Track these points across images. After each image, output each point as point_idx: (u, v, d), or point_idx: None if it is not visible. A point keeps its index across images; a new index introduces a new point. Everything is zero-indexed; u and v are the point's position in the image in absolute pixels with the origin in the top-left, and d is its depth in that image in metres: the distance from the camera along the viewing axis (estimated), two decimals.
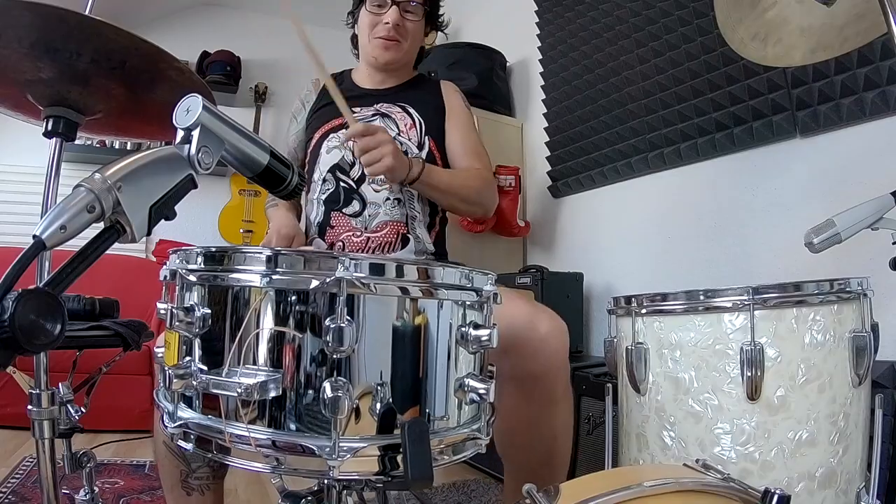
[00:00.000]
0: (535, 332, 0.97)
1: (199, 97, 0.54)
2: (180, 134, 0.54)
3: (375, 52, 1.34)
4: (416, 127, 1.34)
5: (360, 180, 1.28)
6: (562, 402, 1.03)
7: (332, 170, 1.30)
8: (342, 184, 1.29)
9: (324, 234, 1.29)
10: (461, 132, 1.37)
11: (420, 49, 1.44)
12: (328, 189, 1.30)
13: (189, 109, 0.54)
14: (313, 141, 1.37)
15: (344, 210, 1.27)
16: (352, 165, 1.29)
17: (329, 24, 1.87)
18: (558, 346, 0.99)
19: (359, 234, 1.25)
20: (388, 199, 1.26)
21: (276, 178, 0.66)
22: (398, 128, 1.33)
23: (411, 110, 1.35)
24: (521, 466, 1.06)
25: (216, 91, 3.37)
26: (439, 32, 1.51)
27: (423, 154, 1.32)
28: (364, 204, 1.27)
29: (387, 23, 1.29)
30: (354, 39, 1.45)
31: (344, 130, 1.31)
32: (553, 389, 1.00)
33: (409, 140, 1.32)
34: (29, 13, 0.73)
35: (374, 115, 1.34)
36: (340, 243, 1.26)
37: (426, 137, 1.33)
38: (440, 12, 1.44)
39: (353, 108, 1.35)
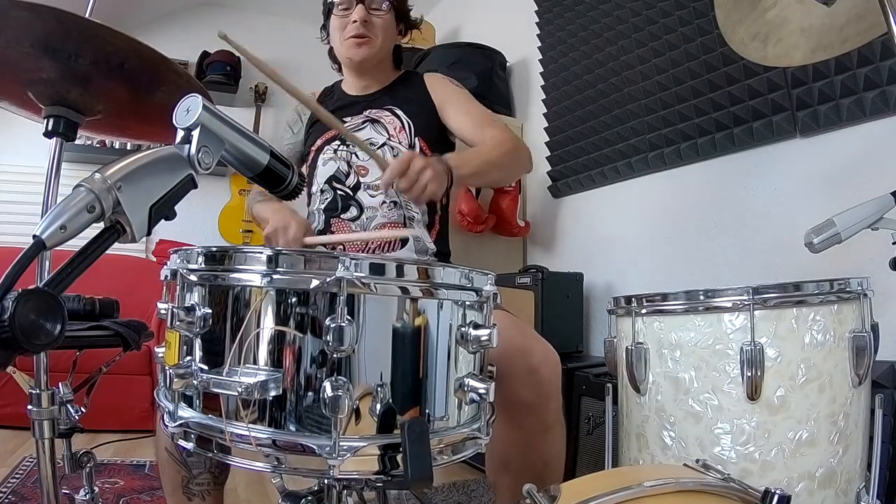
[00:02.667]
0: (528, 361, 0.96)
1: (199, 97, 0.54)
2: (180, 134, 0.54)
3: (349, 52, 1.33)
4: (405, 129, 1.33)
5: (356, 188, 1.30)
6: (553, 429, 1.01)
7: (328, 181, 1.32)
8: (339, 192, 1.30)
9: None
10: (462, 111, 1.35)
11: (397, 48, 1.43)
12: (326, 198, 1.32)
13: (189, 109, 0.54)
14: (311, 155, 1.38)
15: (342, 216, 1.29)
16: (347, 175, 1.31)
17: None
18: (551, 375, 0.98)
19: None
20: (384, 202, 1.27)
21: (276, 178, 0.66)
22: (388, 132, 1.32)
23: (399, 112, 1.34)
24: (512, 494, 1.06)
25: (216, 91, 3.38)
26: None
27: None
28: (361, 209, 1.28)
29: (354, 21, 1.29)
30: (331, 52, 1.44)
31: (338, 143, 1.32)
32: (545, 417, 0.99)
33: (400, 143, 1.31)
34: (27, 13, 0.73)
35: (364, 122, 1.34)
36: (341, 247, 1.27)
37: (416, 138, 1.33)
38: (409, 8, 1.42)
39: (343, 119, 1.33)
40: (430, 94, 1.38)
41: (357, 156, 1.31)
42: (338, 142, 1.33)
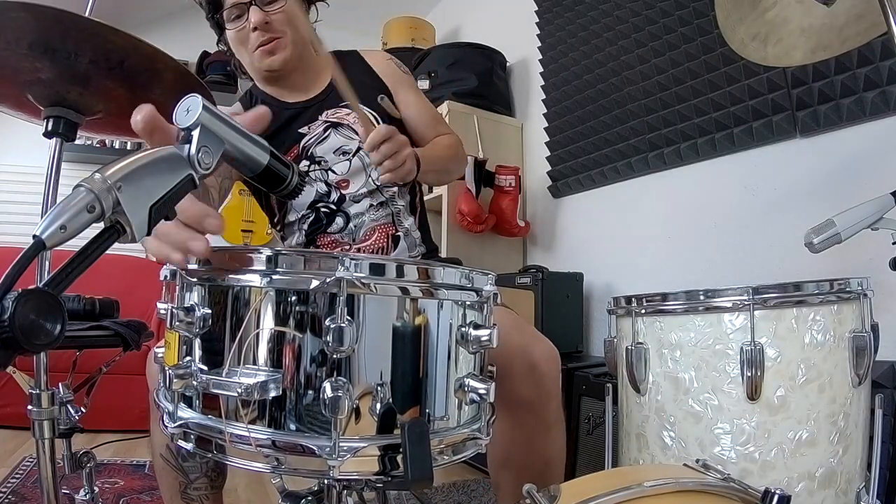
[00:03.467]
0: (529, 359, 0.95)
1: (199, 97, 0.54)
2: (180, 134, 0.54)
3: (262, 64, 1.17)
4: (373, 123, 1.18)
5: (341, 201, 1.22)
6: (554, 427, 1.00)
7: (310, 206, 1.22)
8: (323, 210, 1.22)
9: None
10: (414, 103, 1.29)
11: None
12: (308, 219, 1.23)
13: (189, 109, 0.54)
14: None
15: (328, 230, 1.22)
16: (328, 194, 1.22)
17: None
18: (551, 373, 0.97)
19: (346, 248, 1.22)
20: (371, 205, 1.22)
21: (276, 178, 0.66)
22: (357, 132, 1.21)
23: (360, 105, 1.21)
24: (514, 492, 1.05)
25: (216, 91, 3.37)
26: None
27: None
28: (348, 218, 1.22)
29: (255, 29, 1.13)
30: (240, 68, 1.28)
31: (306, 164, 1.21)
32: (545, 416, 0.98)
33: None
34: (25, 14, 0.73)
35: (326, 130, 1.21)
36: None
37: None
38: None
39: (298, 132, 1.22)
40: (376, 73, 1.28)
41: (335, 171, 1.21)
42: (305, 161, 1.21)
